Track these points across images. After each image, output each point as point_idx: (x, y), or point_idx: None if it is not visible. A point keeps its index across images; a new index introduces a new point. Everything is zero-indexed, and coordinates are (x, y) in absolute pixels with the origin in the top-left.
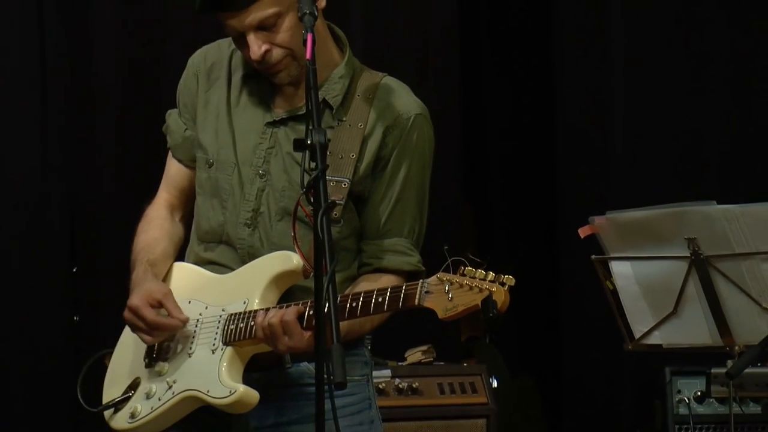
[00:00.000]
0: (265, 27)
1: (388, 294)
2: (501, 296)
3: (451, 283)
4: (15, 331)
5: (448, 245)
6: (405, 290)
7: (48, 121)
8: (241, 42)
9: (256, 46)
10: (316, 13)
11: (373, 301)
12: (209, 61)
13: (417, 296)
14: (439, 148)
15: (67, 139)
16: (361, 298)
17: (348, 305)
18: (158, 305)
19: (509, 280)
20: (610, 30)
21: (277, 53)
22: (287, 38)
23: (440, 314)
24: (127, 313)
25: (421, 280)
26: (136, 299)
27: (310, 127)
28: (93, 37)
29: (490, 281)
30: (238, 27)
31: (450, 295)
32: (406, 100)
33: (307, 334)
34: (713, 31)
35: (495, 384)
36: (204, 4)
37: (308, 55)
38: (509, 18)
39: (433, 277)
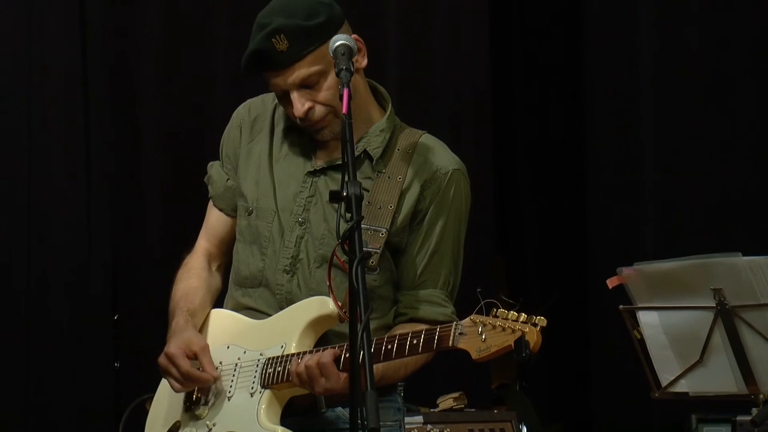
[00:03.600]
0: (308, 85)
1: (422, 336)
2: (533, 336)
3: (484, 325)
4: (59, 376)
5: (481, 288)
6: (439, 332)
7: (91, 168)
8: (285, 100)
9: (300, 104)
10: (352, 69)
11: (408, 342)
12: (253, 114)
13: (451, 338)
14: (472, 201)
15: (111, 191)
16: (396, 341)
17: (384, 347)
18: (194, 357)
19: (541, 320)
20: (639, 86)
21: (319, 111)
22: (329, 96)
23: (474, 355)
24: (162, 359)
25: (455, 322)
26: (173, 347)
27: (346, 179)
28: (137, 96)
29: (522, 322)
30: (282, 85)
31: (483, 336)
32: (443, 156)
33: (344, 375)
34: (743, 86)
35: (525, 431)
36: (249, 64)
37: (344, 110)
38: (542, 76)
39: (467, 319)
